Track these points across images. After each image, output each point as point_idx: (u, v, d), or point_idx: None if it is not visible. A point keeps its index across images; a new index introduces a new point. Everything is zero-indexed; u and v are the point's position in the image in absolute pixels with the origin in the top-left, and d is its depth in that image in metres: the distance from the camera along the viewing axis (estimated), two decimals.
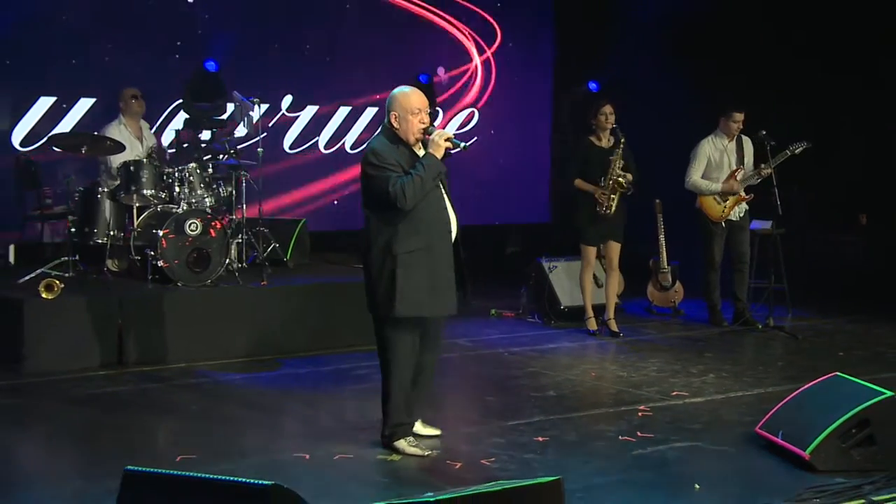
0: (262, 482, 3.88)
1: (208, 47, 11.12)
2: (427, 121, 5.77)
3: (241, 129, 10.14)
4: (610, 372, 8.09)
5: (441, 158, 5.69)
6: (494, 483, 4.33)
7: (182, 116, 10.76)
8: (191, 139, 9.84)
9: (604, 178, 8.91)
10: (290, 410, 6.88)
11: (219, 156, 9.31)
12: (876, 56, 11.58)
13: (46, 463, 5.88)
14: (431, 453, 5.77)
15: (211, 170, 9.00)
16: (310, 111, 12.01)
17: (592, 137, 9.12)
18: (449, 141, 5.74)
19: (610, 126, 8.98)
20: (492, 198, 13.22)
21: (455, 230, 5.87)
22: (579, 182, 9.09)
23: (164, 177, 8.54)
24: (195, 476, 4.14)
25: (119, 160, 8.72)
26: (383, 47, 12.27)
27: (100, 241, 8.58)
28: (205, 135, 10.34)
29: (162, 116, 10.95)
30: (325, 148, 12.16)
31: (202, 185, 8.67)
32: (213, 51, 11.10)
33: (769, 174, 9.38)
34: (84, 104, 10.59)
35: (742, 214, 9.76)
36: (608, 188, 8.91)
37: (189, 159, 8.92)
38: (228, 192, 9.12)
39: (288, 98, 11.85)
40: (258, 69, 11.39)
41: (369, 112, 12.29)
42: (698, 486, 5.32)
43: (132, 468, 4.05)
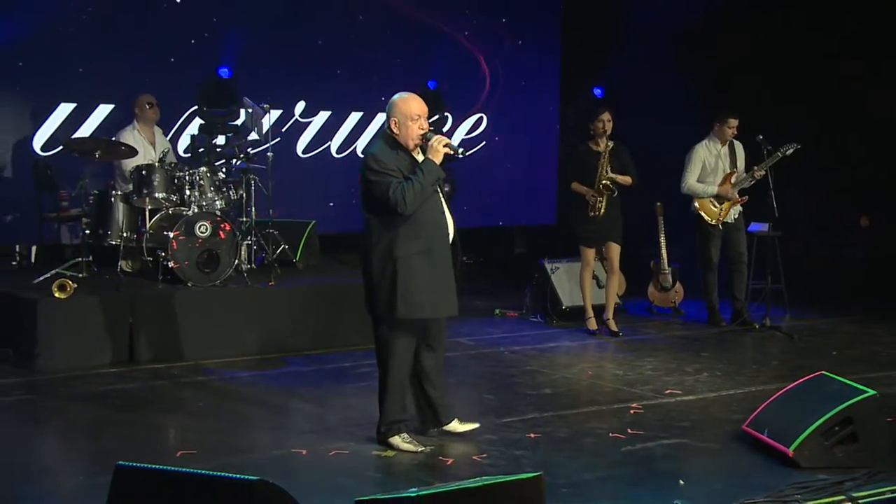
0: (247, 477, 3.90)
1: (223, 54, 11.15)
2: (426, 127, 5.79)
3: (252, 135, 10.17)
4: (607, 370, 8.06)
5: (440, 164, 5.70)
6: (476, 479, 4.31)
7: (197, 122, 10.88)
8: (206, 144, 9.89)
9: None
10: (291, 407, 6.89)
11: (231, 160, 9.36)
12: (879, 58, 11.48)
13: (53, 457, 5.93)
14: (425, 449, 5.77)
15: (224, 174, 9.03)
16: (322, 116, 12.03)
17: (590, 143, 9.15)
18: (447, 147, 5.75)
19: (607, 132, 8.99)
20: (501, 200, 13.24)
21: (452, 233, 5.88)
22: (575, 185, 9.15)
23: (176, 180, 8.56)
24: (184, 471, 4.17)
25: (132, 164, 8.76)
26: (394, 55, 12.26)
27: (113, 243, 8.61)
28: (220, 140, 10.42)
29: (178, 122, 10.98)
30: (337, 152, 12.17)
31: (212, 189, 8.69)
32: (227, 58, 11.13)
33: (762, 176, 9.37)
34: (103, 110, 10.63)
35: (737, 216, 9.74)
36: (596, 191, 8.96)
37: (200, 163, 8.96)
38: (239, 196, 9.14)
39: (301, 104, 11.87)
40: (272, 76, 11.42)
41: (381, 117, 12.28)
42: (682, 481, 5.29)
43: (123, 463, 4.08)
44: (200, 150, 9.76)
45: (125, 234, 8.59)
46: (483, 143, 13.05)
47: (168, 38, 10.95)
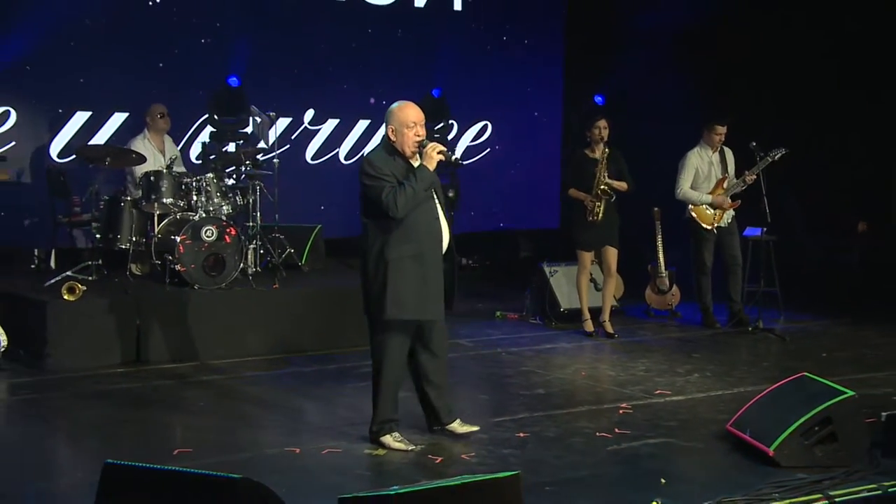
0: (231, 475, 3.91)
1: (234, 63, 11.18)
2: (422, 134, 5.80)
3: (261, 143, 10.19)
4: (600, 371, 8.05)
5: (434, 170, 5.71)
6: (457, 477, 4.31)
7: (209, 130, 10.92)
8: (217, 151, 9.90)
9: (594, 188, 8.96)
10: (291, 406, 6.89)
11: (238, 166, 9.38)
12: (877, 66, 11.41)
13: (53, 455, 5.96)
14: (416, 448, 5.78)
15: (232, 180, 9.04)
16: (331, 124, 12.05)
17: (587, 150, 9.13)
18: (441, 153, 5.76)
19: (604, 139, 8.98)
20: (505, 205, 13.25)
21: (447, 239, 5.88)
22: (573, 191, 9.14)
23: (183, 186, 8.59)
24: (171, 469, 4.20)
25: (141, 171, 8.80)
26: (400, 63, 12.26)
27: (123, 247, 8.65)
28: (230, 147, 10.45)
29: (190, 130, 11.02)
30: (345, 159, 12.19)
31: (219, 194, 8.70)
32: (238, 67, 11.16)
33: (753, 181, 9.34)
34: (118, 118, 10.68)
35: (730, 220, 9.71)
36: (594, 196, 8.93)
37: (207, 169, 8.99)
38: (245, 201, 9.16)
39: (310, 112, 11.89)
40: (282, 85, 11.45)
41: None
42: (664, 480, 5.27)
43: (111, 462, 4.10)
44: (211, 157, 9.79)
45: (134, 239, 8.63)
46: (488, 149, 13.04)
47: (181, 47, 10.99)
